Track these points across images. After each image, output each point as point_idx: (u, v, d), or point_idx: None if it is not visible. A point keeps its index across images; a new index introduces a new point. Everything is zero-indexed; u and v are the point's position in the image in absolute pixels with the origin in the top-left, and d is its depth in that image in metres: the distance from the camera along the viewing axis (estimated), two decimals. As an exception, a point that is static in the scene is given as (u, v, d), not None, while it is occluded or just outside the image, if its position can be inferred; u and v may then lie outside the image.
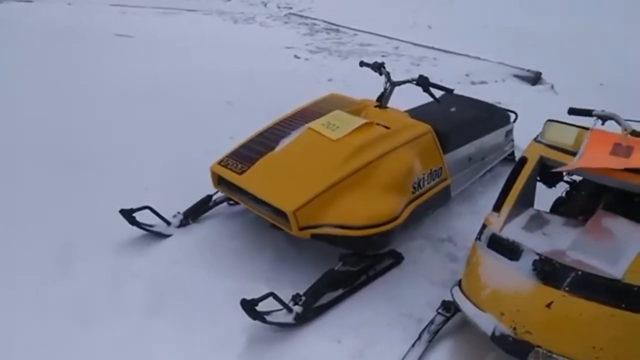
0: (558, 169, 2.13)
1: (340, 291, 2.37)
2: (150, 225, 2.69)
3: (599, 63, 6.15)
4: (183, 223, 2.77)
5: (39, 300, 2.31)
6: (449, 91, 2.85)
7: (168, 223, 2.74)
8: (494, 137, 3.32)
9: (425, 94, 2.91)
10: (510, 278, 1.87)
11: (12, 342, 2.11)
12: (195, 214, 2.82)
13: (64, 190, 3.05)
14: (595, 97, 4.67)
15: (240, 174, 2.49)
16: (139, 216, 2.65)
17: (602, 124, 2.18)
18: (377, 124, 2.67)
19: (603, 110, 2.16)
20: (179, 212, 2.78)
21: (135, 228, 2.65)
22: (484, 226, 2.12)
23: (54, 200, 2.96)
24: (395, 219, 2.40)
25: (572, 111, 2.27)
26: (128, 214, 2.61)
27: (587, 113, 2.20)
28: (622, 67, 5.95)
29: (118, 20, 7.64)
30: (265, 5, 9.99)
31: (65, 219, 2.80)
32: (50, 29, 6.44)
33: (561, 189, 2.50)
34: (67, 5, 8.51)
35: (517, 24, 7.73)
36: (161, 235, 2.70)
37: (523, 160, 2.24)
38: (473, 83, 5.65)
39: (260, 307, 2.04)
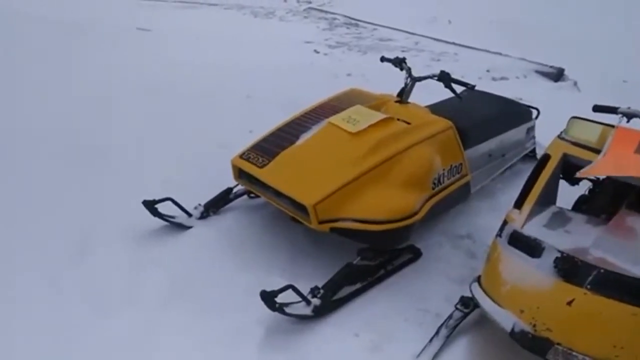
0: (580, 174, 2.08)
1: (358, 285, 2.38)
2: (172, 217, 2.73)
3: (622, 60, 6.05)
4: (204, 215, 2.80)
5: (57, 288, 2.35)
6: (470, 87, 2.83)
7: (189, 215, 2.77)
8: (515, 134, 3.29)
9: (446, 90, 2.89)
10: (531, 275, 1.85)
11: (29, 327, 2.15)
12: (216, 206, 2.85)
13: (83, 182, 3.09)
14: (618, 94, 4.59)
15: (261, 167, 2.51)
16: (160, 207, 2.68)
17: (627, 121, 2.15)
18: (398, 119, 2.66)
19: (629, 108, 2.13)
20: (199, 204, 2.81)
21: (155, 219, 2.69)
22: (505, 223, 2.11)
23: (73, 191, 3.00)
24: (415, 214, 2.40)
25: (597, 108, 2.24)
26: (150, 205, 2.65)
27: (613, 110, 2.17)
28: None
29: (137, 13, 7.70)
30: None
31: (85, 211, 2.84)
32: (66, 21, 6.51)
33: (584, 186, 2.48)
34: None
35: (539, 20, 7.64)
36: (182, 227, 2.73)
37: (546, 157, 2.22)
38: (494, 79, 5.61)
39: (280, 298, 2.06)
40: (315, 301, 2.19)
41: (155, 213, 2.66)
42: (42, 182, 3.08)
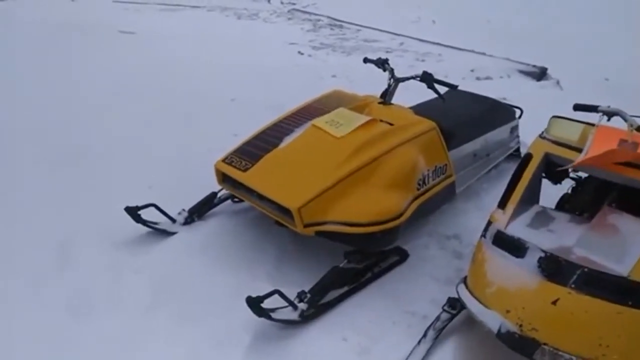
0: (563, 167, 2.10)
1: (345, 288, 2.37)
2: (156, 223, 2.70)
3: (604, 58, 6.13)
4: (188, 220, 2.77)
5: (39, 293, 2.32)
6: (453, 87, 2.84)
7: (173, 220, 2.74)
8: (499, 134, 3.31)
9: (430, 90, 2.89)
10: (516, 275, 1.86)
11: (11, 334, 2.12)
12: (200, 211, 2.82)
13: (67, 187, 3.06)
14: (600, 92, 4.65)
15: (244, 171, 2.49)
16: (144, 214, 2.65)
17: (608, 120, 2.16)
18: (381, 121, 2.66)
19: (609, 106, 2.14)
20: (183, 210, 2.78)
21: (139, 225, 2.66)
22: (489, 223, 2.11)
23: (57, 196, 2.97)
24: (400, 215, 2.40)
25: (578, 107, 2.25)
26: (133, 212, 2.61)
27: (593, 109, 2.18)
28: (628, 62, 5.92)
29: (121, 17, 7.65)
30: (268, 1, 9.99)
31: (68, 215, 2.81)
32: (53, 25, 6.45)
33: (567, 185, 2.49)
34: (70, 1, 8.53)
35: (522, 19, 7.71)
36: (166, 233, 2.70)
37: (528, 157, 2.22)
38: (478, 79, 5.64)
39: (266, 304, 2.05)
40: (302, 306, 2.18)
41: (139, 220, 2.63)
42: (26, 186, 3.05)
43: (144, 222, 2.65)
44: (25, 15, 7.03)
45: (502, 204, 2.14)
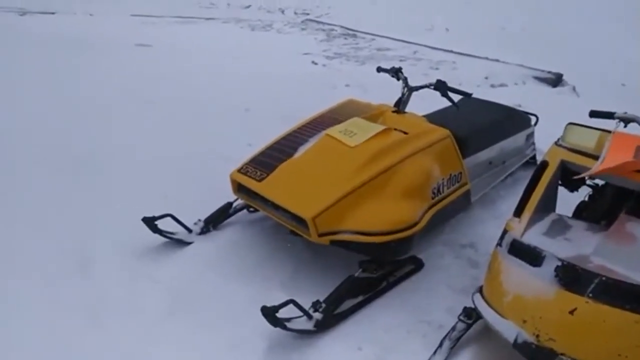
0: (579, 176, 2.08)
1: (360, 298, 2.36)
2: (172, 233, 2.72)
3: (621, 63, 6.06)
4: (204, 230, 2.79)
5: (55, 300, 2.34)
6: (467, 95, 2.83)
7: (189, 230, 2.76)
8: (515, 141, 3.29)
9: (445, 99, 2.88)
10: (532, 284, 1.84)
11: (26, 339, 2.15)
12: (215, 221, 2.84)
13: (83, 197, 3.09)
14: (617, 98, 4.60)
15: (260, 181, 2.51)
16: (160, 224, 2.68)
17: (625, 126, 2.15)
18: (395, 130, 2.66)
19: (625, 113, 2.12)
20: (199, 220, 2.81)
21: (156, 235, 2.68)
22: (504, 232, 2.09)
23: (72, 206, 3.00)
24: (415, 224, 2.39)
25: (594, 114, 2.23)
26: (150, 222, 2.64)
27: (609, 115, 2.17)
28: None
29: (138, 30, 7.77)
30: (282, 12, 10.09)
31: (85, 224, 2.84)
32: (70, 39, 6.58)
33: (584, 193, 2.47)
34: (88, 16, 8.71)
35: (537, 26, 7.67)
36: (182, 243, 2.72)
37: (544, 165, 2.21)
38: (493, 86, 5.62)
39: (281, 313, 2.05)
40: (317, 315, 2.18)
41: (155, 230, 2.66)
42: (41, 196, 3.08)
43: (161, 232, 2.68)
44: (43, 29, 7.18)
45: (518, 212, 2.12)
